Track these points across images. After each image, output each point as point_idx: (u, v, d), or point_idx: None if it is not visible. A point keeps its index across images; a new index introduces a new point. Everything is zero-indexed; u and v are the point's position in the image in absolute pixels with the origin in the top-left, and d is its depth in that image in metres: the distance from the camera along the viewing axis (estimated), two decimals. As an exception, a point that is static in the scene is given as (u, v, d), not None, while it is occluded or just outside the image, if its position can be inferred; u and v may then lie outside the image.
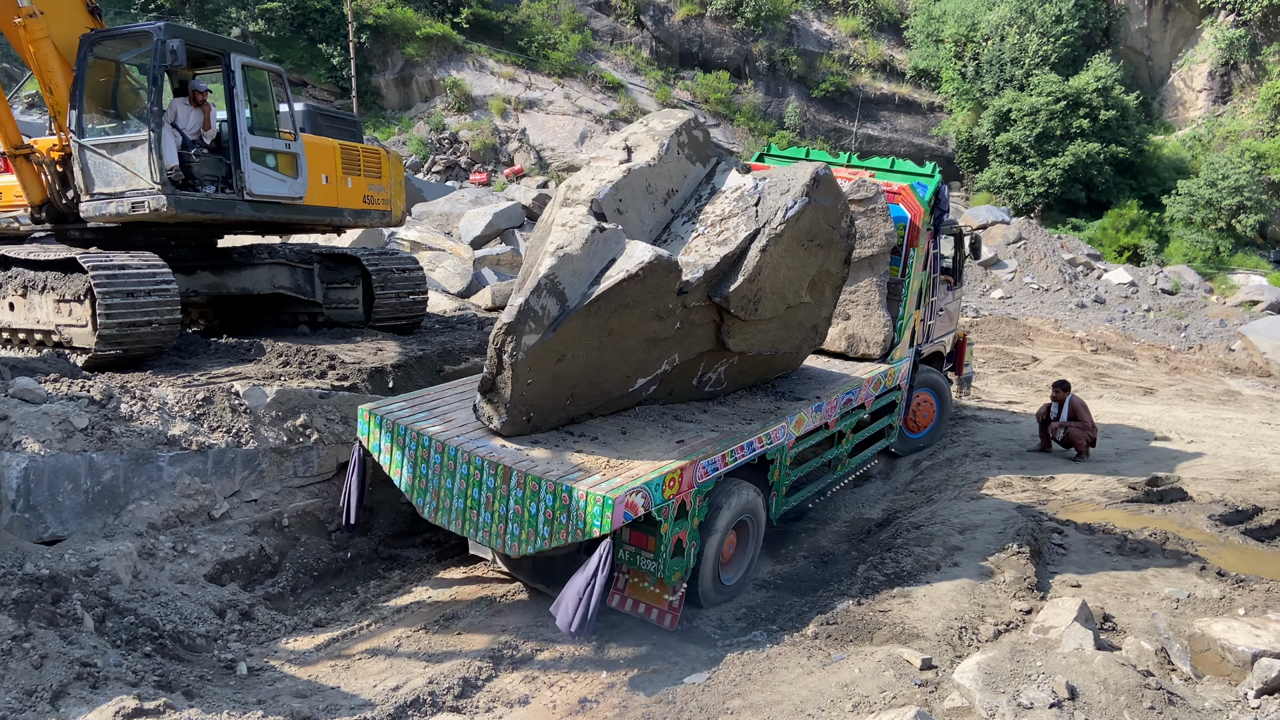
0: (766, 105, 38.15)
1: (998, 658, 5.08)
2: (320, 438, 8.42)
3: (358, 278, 11.27)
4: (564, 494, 6.34)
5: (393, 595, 7.91)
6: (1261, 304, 26.18)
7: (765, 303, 8.22)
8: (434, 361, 10.41)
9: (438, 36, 37.42)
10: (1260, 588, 7.67)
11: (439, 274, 18.81)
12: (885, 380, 10.58)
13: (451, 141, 36.91)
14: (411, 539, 8.94)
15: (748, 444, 7.76)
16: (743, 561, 8.15)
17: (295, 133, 10.31)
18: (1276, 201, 31.94)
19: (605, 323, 7.14)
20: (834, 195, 8.57)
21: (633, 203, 8.00)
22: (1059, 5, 35.60)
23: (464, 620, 7.42)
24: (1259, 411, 15.36)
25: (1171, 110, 37.28)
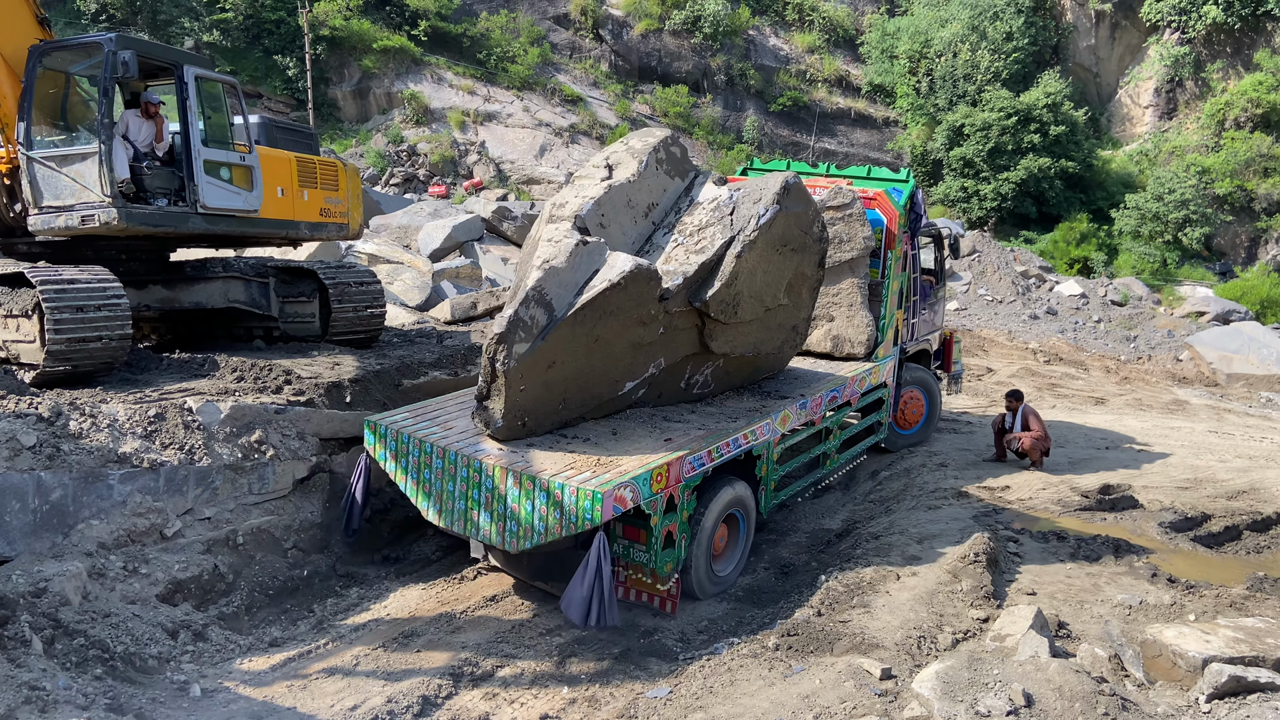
0: (725, 119, 38.44)
1: (955, 666, 5.14)
2: (276, 454, 8.30)
3: (314, 291, 11.14)
4: (556, 491, 6.77)
5: (350, 613, 7.81)
6: (1207, 315, 26.81)
7: (744, 306, 8.66)
8: (393, 376, 10.32)
9: (395, 49, 37.26)
10: (1210, 594, 7.83)
11: (397, 287, 18.67)
12: (870, 378, 11.04)
13: (410, 154, 36.74)
14: (369, 555, 8.84)
15: (733, 440, 8.16)
16: (735, 554, 8.53)
17: (250, 145, 10.19)
18: (1221, 215, 32.80)
19: (591, 330, 7.61)
20: (804, 202, 9.04)
21: (615, 217, 8.46)
22: (1009, 23, 36.33)
23: (423, 638, 7.34)
24: (1206, 420, 15.72)
25: (1119, 126, 38.16)
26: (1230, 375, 19.80)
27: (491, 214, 27.10)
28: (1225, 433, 14.59)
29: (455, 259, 23.55)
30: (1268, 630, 5.66)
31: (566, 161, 36.59)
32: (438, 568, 8.81)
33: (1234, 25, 35.06)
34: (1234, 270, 32.34)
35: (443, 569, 8.77)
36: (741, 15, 39.15)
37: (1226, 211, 33.01)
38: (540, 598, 8.16)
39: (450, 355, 11.46)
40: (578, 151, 36.92)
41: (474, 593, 8.22)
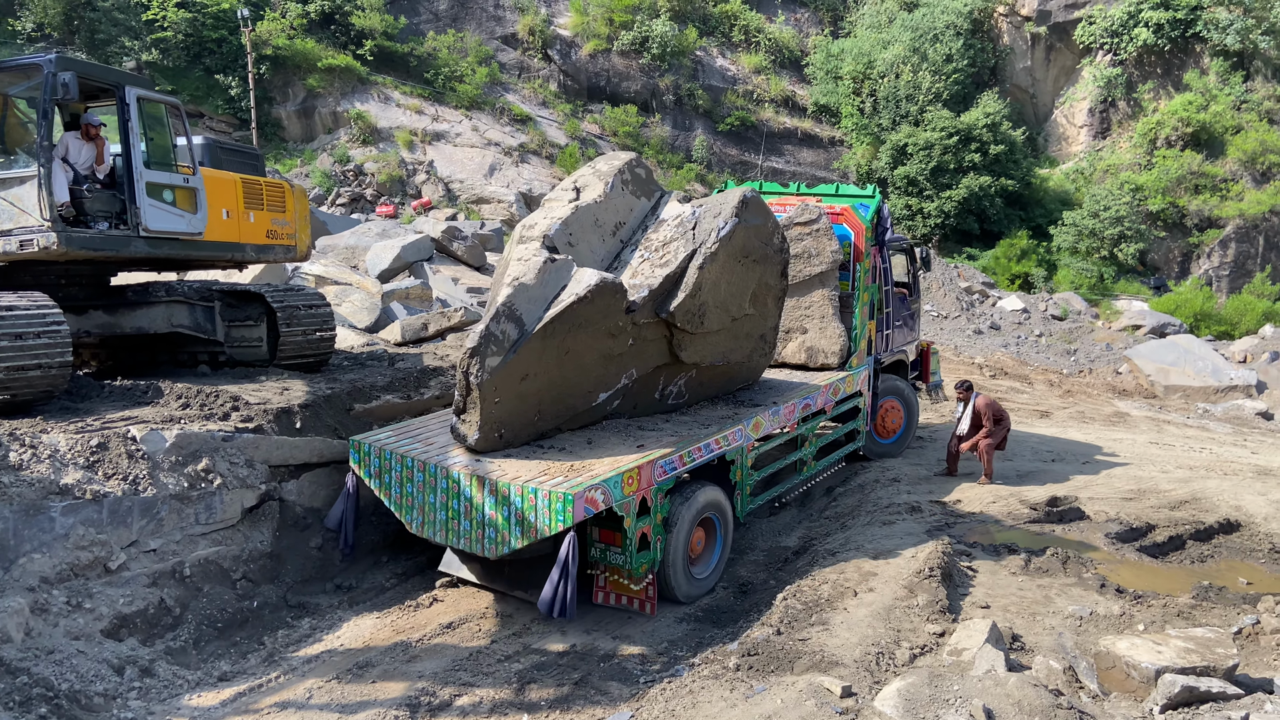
0: (674, 138, 38.71)
1: (917, 684, 5.17)
2: (223, 482, 8.12)
3: (261, 315, 10.94)
4: (530, 495, 7.07)
5: (302, 645, 7.64)
6: (1143, 328, 27.55)
7: (710, 316, 9.03)
8: (343, 400, 10.16)
9: (341, 68, 36.95)
10: (1157, 603, 8.00)
11: (346, 309, 18.42)
12: (844, 386, 11.44)
13: (357, 174, 36.39)
14: (322, 584, 8.67)
15: (705, 445, 8.50)
16: (713, 557, 8.82)
17: (194, 166, 10.00)
18: (1154, 231, 33.78)
19: (561, 342, 7.95)
20: (763, 215, 9.45)
21: (583, 236, 8.86)
22: (949, 45, 37.16)
23: (378, 668, 7.21)
24: (1147, 432, 16.12)
25: (1056, 145, 39.17)
26: (1168, 387, 20.33)
27: (441, 234, 26.91)
28: (1165, 444, 14.97)
29: (405, 279, 23.32)
30: (1217, 640, 5.78)
31: (516, 181, 36.52)
32: (392, 595, 8.67)
33: (1164, 47, 36.25)
34: (1168, 285, 33.29)
35: (397, 596, 8.63)
36: (689, 36, 39.52)
37: (1160, 228, 34.00)
38: (499, 623, 8.07)
39: (403, 378, 11.32)
40: (528, 171, 36.89)
41: (430, 620, 8.10)
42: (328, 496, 9.19)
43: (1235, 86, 35.18)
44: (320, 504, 9.10)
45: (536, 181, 36.70)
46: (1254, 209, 32.78)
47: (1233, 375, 20.15)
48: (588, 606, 8.45)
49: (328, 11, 37.62)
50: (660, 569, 8.12)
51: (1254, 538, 10.35)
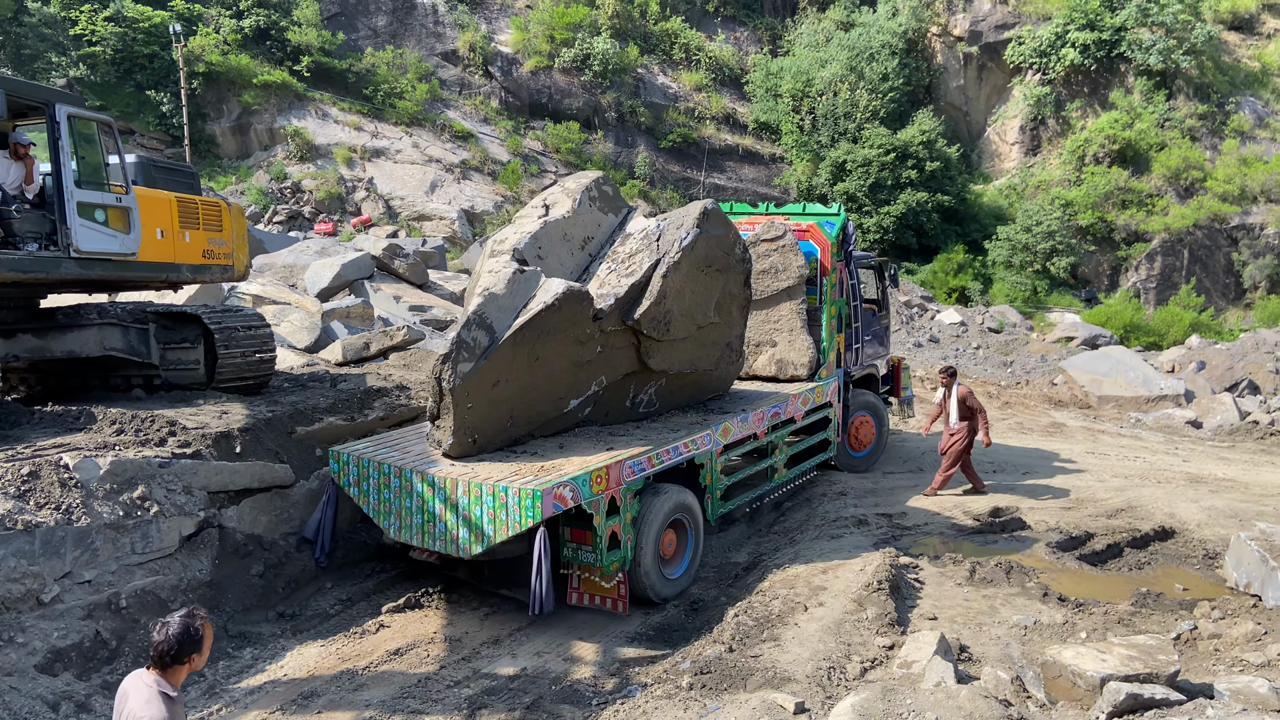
0: (617, 155, 38.83)
1: (870, 698, 5.20)
2: (160, 510, 7.88)
3: (198, 337, 10.67)
4: (501, 494, 7.36)
5: (244, 675, 7.44)
6: (1076, 339, 28.26)
7: (676, 323, 9.41)
8: (285, 423, 9.94)
9: (277, 84, 36.42)
10: (1099, 611, 8.17)
11: (284, 328, 18.06)
12: (814, 397, 11.82)
13: (294, 191, 35.84)
14: (264, 613, 8.45)
15: (673, 448, 8.84)
16: (685, 558, 9.14)
17: (126, 185, 9.74)
18: (1085, 245, 34.75)
19: (531, 349, 8.27)
20: (724, 226, 9.89)
21: (552, 249, 9.23)
22: (885, 64, 37.90)
23: (324, 698, 7.04)
24: (1083, 442, 16.50)
25: (989, 162, 40.13)
26: (1101, 397, 20.85)
27: (382, 251, 26.57)
28: (1101, 453, 15.33)
29: (345, 298, 22.96)
30: (1158, 647, 5.92)
31: (459, 198, 36.28)
32: (337, 622, 8.49)
33: (1090, 67, 37.40)
34: (1098, 297, 34.25)
35: (342, 623, 8.45)
36: (630, 54, 39.73)
37: (1089, 241, 34.97)
38: (448, 648, 7.94)
39: (346, 399, 11.12)
40: (470, 188, 36.68)
41: (376, 647, 7.95)
42: (269, 522, 8.99)
43: (1159, 105, 36.42)
44: (261, 530, 8.89)
45: (479, 198, 36.51)
46: (1178, 223, 33.90)
47: (1162, 385, 20.74)
48: (541, 626, 8.37)
49: (263, 27, 37.08)
50: (632, 569, 8.38)
51: (1188, 544, 10.63)
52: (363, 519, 10.07)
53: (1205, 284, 33.56)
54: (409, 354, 14.72)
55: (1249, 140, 35.81)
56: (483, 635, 8.21)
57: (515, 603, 8.89)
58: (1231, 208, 33.76)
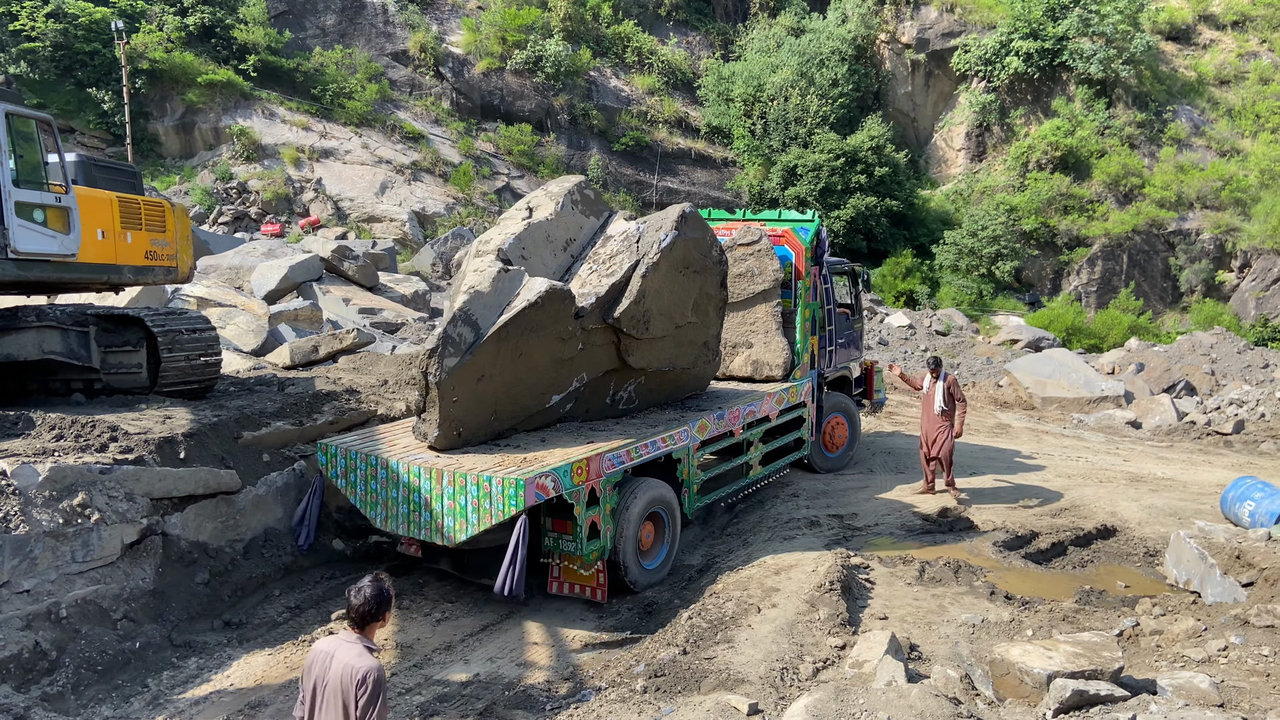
0: (570, 158, 38.74)
1: (823, 699, 5.24)
2: (102, 518, 7.68)
3: (141, 340, 10.42)
4: (485, 483, 7.68)
5: (189, 686, 7.29)
6: (1020, 342, 28.81)
7: (655, 322, 9.74)
8: (231, 428, 9.75)
9: (222, 83, 35.72)
10: (1044, 609, 8.33)
11: (230, 331, 17.73)
12: (788, 396, 12.15)
13: (240, 191, 35.21)
14: (209, 622, 8.28)
15: (651, 443, 9.17)
16: (661, 549, 9.46)
17: (67, 185, 9.50)
18: (1028, 249, 35.44)
19: (515, 345, 8.58)
20: (701, 229, 10.25)
21: (535, 250, 9.56)
22: (834, 70, 38.30)
23: (271, 707, 6.93)
24: (1028, 442, 16.82)
25: (936, 167, 40.76)
26: (1045, 399, 21.27)
27: (331, 253, 26.23)
28: (1045, 453, 15.64)
29: (293, 300, 22.62)
30: (1103, 644, 6.05)
31: (409, 199, 35.92)
32: (285, 630, 8.35)
33: (1033, 75, 38.17)
34: (1042, 300, 34.95)
35: (290, 631, 8.32)
36: (583, 57, 39.67)
37: (1033, 246, 35.68)
38: (399, 655, 7.86)
39: (294, 403, 10.94)
40: (421, 189, 36.33)
41: (326, 654, 7.82)
42: (215, 529, 8.82)
43: (1099, 113, 37.28)
44: (207, 537, 8.71)
45: (430, 200, 36.18)
46: (1118, 228, 34.73)
47: (1103, 386, 21.22)
48: (494, 631, 8.31)
49: (208, 24, 36.36)
50: (611, 558, 8.70)
51: (1129, 542, 10.90)
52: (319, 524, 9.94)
53: (1144, 288, 34.43)
54: (359, 357, 14.53)
55: (1185, 148, 36.81)
56: (435, 641, 8.13)
57: (468, 608, 8.83)
58: (1168, 213, 34.68)
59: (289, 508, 9.66)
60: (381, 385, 12.76)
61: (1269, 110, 36.81)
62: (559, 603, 8.98)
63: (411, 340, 20.91)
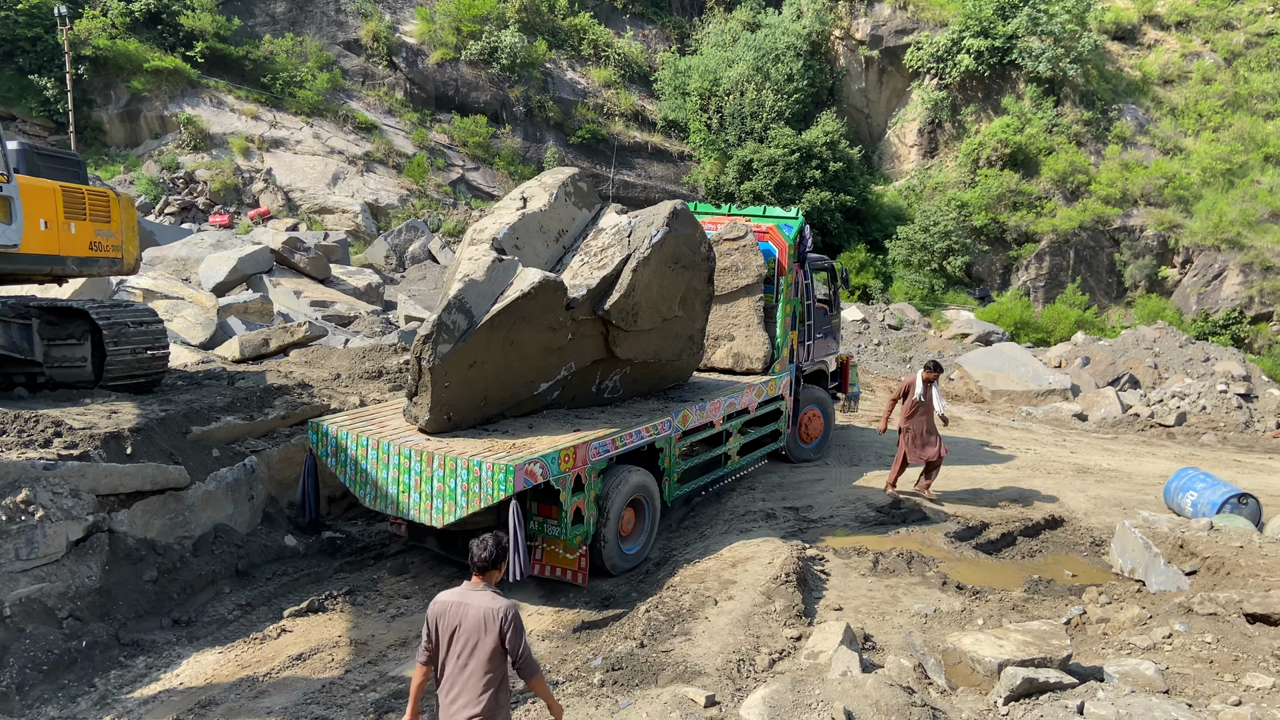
0: (525, 150, 38.53)
1: (780, 690, 5.29)
2: (46, 515, 7.48)
3: (85, 333, 10.17)
4: (476, 468, 7.86)
5: (138, 685, 7.14)
6: (971, 336, 29.25)
7: (643, 315, 9.95)
8: (179, 423, 9.56)
9: (168, 70, 34.97)
10: (994, 598, 8.48)
11: (178, 324, 17.40)
12: (767, 389, 12.43)
13: (187, 181, 34.52)
14: (158, 620, 8.11)
15: (635, 432, 9.43)
16: (641, 535, 9.71)
17: (8, 174, 9.22)
18: (979, 245, 35.98)
19: (507, 334, 8.77)
20: (691, 225, 10.49)
21: (528, 240, 9.72)
22: (790, 65, 38.51)
23: (223, 706, 6.81)
24: (978, 435, 17.09)
25: (889, 163, 41.20)
26: (994, 392, 21.64)
27: (281, 245, 25.84)
28: (994, 445, 15.91)
29: (242, 293, 22.27)
30: (1051, 632, 6.17)
31: (362, 190, 35.47)
32: (236, 628, 8.21)
33: (984, 73, 38.72)
34: (991, 295, 35.50)
35: (241, 629, 8.18)
36: (539, 48, 39.45)
37: (983, 241, 36.22)
38: (353, 652, 7.77)
39: (245, 398, 10.76)
40: (374, 180, 35.90)
41: (278, 652, 7.72)
42: (163, 526, 8.64)
43: (1047, 111, 37.92)
44: (155, 534, 8.54)
45: (384, 191, 35.78)
46: (1065, 225, 35.39)
47: (1051, 380, 21.64)
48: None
49: (154, 10, 35.55)
50: (593, 543, 8.94)
51: (1076, 532, 11.13)
52: (263, 521, 9.81)
53: (1090, 283, 35.13)
54: (311, 350, 14.33)
55: (1130, 146, 37.60)
56: (390, 638, 8.06)
57: (422, 604, 8.76)
58: (1114, 210, 35.41)
59: (239, 504, 9.51)
60: (334, 379, 12.60)
61: (1210, 110, 37.74)
62: (516, 595, 8.94)
63: (365, 333, 20.66)
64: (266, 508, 9.94)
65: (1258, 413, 19.48)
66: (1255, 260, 32.10)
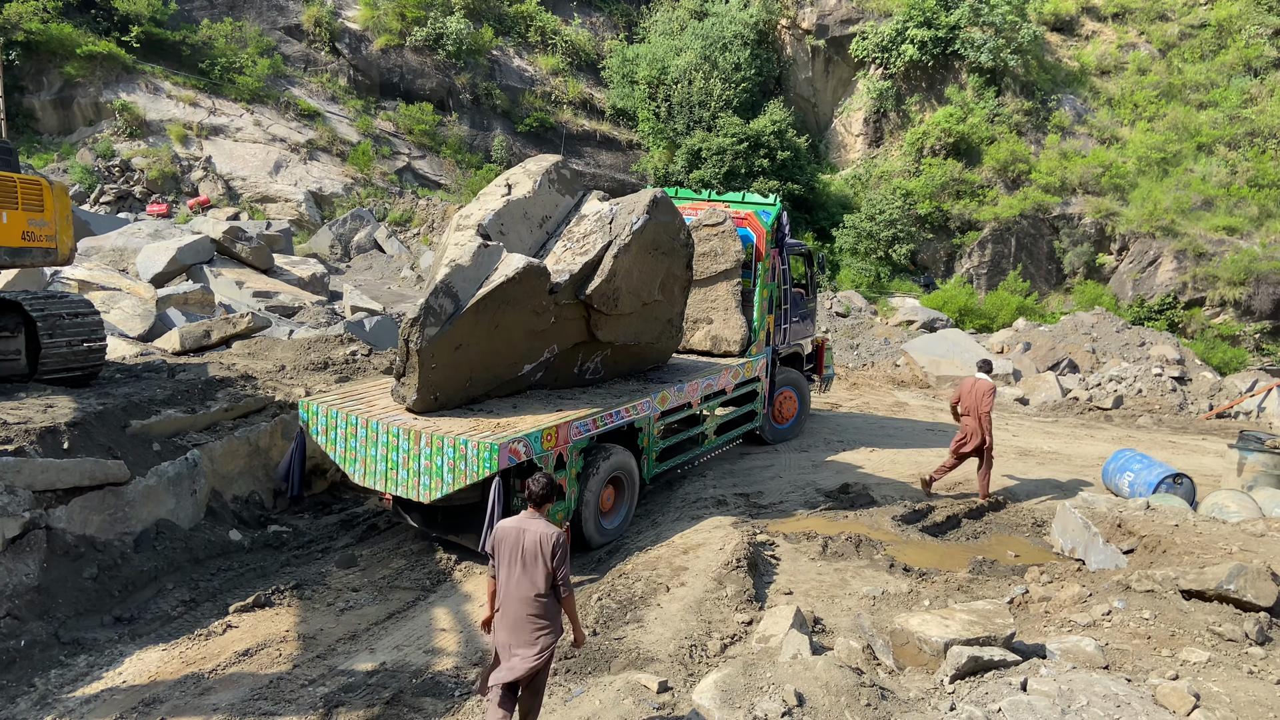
0: (473, 138, 38.14)
1: (732, 674, 5.33)
2: (-22, 512, 7.27)
3: (19, 325, 9.88)
4: (461, 445, 8.25)
5: (79, 684, 6.98)
6: (916, 323, 29.68)
7: (623, 299, 10.28)
8: (118, 416, 9.34)
9: (103, 55, 33.94)
10: (940, 579, 8.64)
11: (115, 316, 16.96)
12: (744, 371, 12.82)
13: (123, 170, 33.61)
14: (98, 618, 7.93)
15: (616, 412, 9.82)
16: (620, 511, 10.10)
17: (-67, 160, 8.91)
18: (923, 233, 36.48)
19: (492, 317, 9.09)
20: (670, 213, 10.81)
21: (513, 226, 10.02)
22: (737, 54, 38.59)
23: (167, 704, 6.69)
24: (923, 419, 17.37)
25: (836, 152, 41.53)
26: (939, 377, 21.99)
27: (222, 234, 25.30)
28: (939, 430, 16.18)
29: (182, 284, 21.75)
30: (995, 611, 6.31)
31: (305, 179, 34.84)
32: (179, 624, 8.07)
33: (928, 63, 39.17)
34: (936, 283, 36.01)
35: (186, 625, 8.04)
36: (485, 35, 39.02)
37: (928, 230, 36.70)
38: (301, 646, 7.67)
39: (186, 390, 10.54)
40: (317, 169, 35.27)
41: (224, 648, 7.60)
42: (102, 522, 8.44)
43: (989, 101, 38.48)
44: (94, 530, 8.34)
45: (327, 180, 35.18)
46: (1006, 213, 35.98)
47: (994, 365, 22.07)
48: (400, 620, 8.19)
49: (86, -7, 34.49)
50: (575, 518, 9.31)
51: (1019, 513, 11.38)
52: (206, 516, 9.64)
53: (1030, 270, 35.80)
54: (254, 342, 14.07)
55: (1069, 135, 38.33)
56: (339, 631, 7.97)
57: (372, 596, 8.69)
58: (1053, 199, 36.09)
59: (182, 498, 9.33)
60: (279, 370, 12.40)
61: (1146, 100, 38.63)
62: (470, 585, 8.91)
63: (310, 324, 20.34)
64: (210, 502, 9.75)
65: (1191, 395, 20.07)
66: (1188, 247, 32.98)
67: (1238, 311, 31.73)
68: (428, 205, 35.35)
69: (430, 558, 9.54)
